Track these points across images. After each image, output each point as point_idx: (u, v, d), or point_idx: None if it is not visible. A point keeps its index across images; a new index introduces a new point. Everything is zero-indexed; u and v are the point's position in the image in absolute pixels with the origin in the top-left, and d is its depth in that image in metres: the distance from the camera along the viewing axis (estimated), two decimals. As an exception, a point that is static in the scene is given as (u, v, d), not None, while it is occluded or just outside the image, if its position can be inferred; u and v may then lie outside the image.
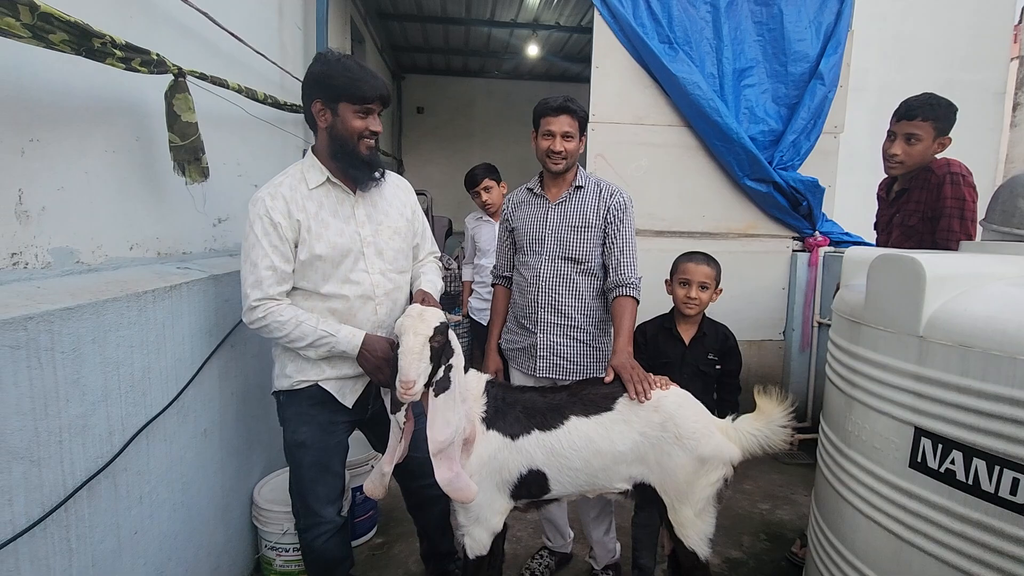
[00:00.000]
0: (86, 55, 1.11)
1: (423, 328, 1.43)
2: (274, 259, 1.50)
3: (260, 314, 1.50)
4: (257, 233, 1.50)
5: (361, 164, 1.58)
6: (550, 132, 1.93)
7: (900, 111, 2.05)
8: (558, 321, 1.98)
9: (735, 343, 2.03)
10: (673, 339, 2.01)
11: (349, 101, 1.52)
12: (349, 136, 1.54)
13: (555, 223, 2.00)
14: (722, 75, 3.38)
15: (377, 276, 1.64)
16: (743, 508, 2.83)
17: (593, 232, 1.97)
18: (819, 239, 3.53)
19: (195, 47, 1.85)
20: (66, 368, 1.12)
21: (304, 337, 1.52)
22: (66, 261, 1.28)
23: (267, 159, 2.49)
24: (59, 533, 1.10)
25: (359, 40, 5.09)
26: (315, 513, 1.66)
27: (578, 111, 1.94)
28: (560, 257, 1.99)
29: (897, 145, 2.04)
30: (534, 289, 2.00)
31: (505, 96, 7.86)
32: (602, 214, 1.98)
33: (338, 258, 1.58)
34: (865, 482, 1.42)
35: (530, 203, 2.08)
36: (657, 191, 3.51)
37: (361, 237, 1.62)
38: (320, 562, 1.72)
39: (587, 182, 2.03)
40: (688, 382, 1.87)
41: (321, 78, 1.52)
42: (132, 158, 1.52)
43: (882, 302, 1.38)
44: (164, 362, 1.46)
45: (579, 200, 2.00)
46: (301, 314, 1.54)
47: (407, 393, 1.37)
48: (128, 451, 1.31)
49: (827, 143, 3.52)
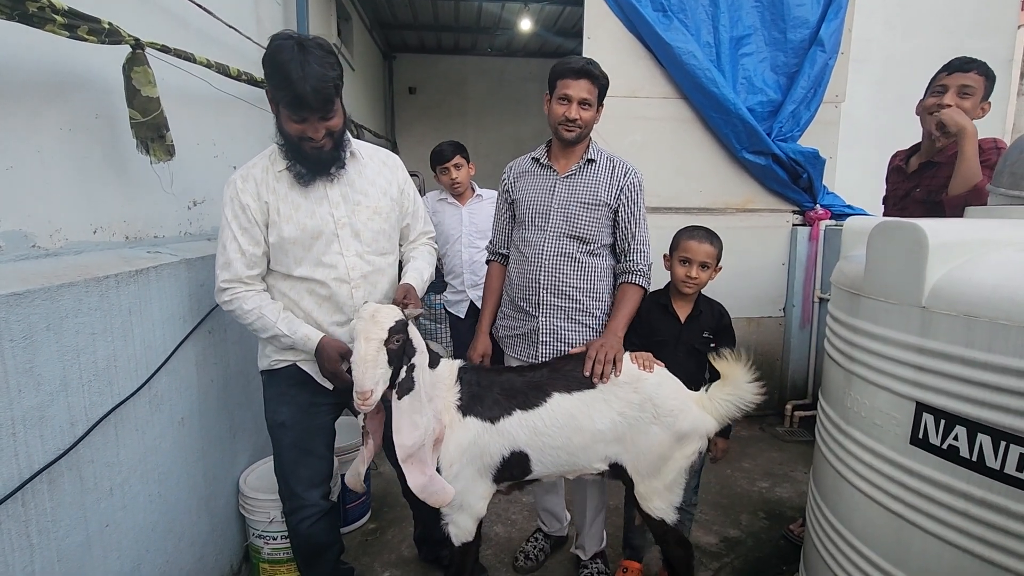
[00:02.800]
0: (20, 20, 1.03)
1: (376, 331, 1.34)
2: (242, 242, 1.48)
3: (227, 297, 1.51)
4: (227, 215, 1.50)
5: (307, 162, 1.49)
6: (567, 97, 1.78)
7: (954, 64, 1.94)
8: (561, 304, 1.86)
9: (729, 321, 1.96)
10: (668, 316, 1.91)
11: (281, 105, 1.41)
12: (288, 136, 1.46)
13: (563, 197, 1.85)
14: (719, 44, 3.26)
15: (353, 258, 1.58)
16: (741, 486, 2.80)
17: (603, 211, 1.84)
18: (820, 212, 3.44)
19: (160, 19, 1.75)
20: (16, 356, 1.06)
21: (265, 330, 1.52)
22: (20, 245, 1.22)
23: (245, 139, 2.40)
24: (16, 528, 1.06)
25: (346, 18, 4.95)
26: (298, 496, 1.64)
27: (600, 77, 1.79)
28: (566, 235, 1.85)
29: (950, 96, 1.91)
30: (535, 268, 1.87)
31: (498, 74, 7.71)
32: (615, 193, 1.84)
33: (309, 240, 1.52)
34: (864, 459, 1.36)
35: (535, 174, 1.92)
36: (652, 166, 3.40)
37: (335, 218, 1.55)
38: (305, 546, 1.69)
39: (600, 156, 1.88)
40: (683, 360, 1.84)
41: (264, 65, 1.39)
42: (92, 136, 1.44)
43: (882, 272, 1.30)
44: (132, 349, 1.40)
45: (590, 174, 1.86)
46: (266, 305, 1.52)
47: (363, 404, 1.31)
48: (94, 442, 1.26)
49: (828, 113, 3.41)
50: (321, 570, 1.73)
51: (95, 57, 1.40)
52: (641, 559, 2.12)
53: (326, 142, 1.47)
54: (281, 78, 1.35)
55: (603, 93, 1.83)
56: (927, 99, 2.00)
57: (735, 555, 2.27)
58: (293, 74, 1.33)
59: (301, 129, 1.42)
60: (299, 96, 1.35)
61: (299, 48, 1.35)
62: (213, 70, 1.88)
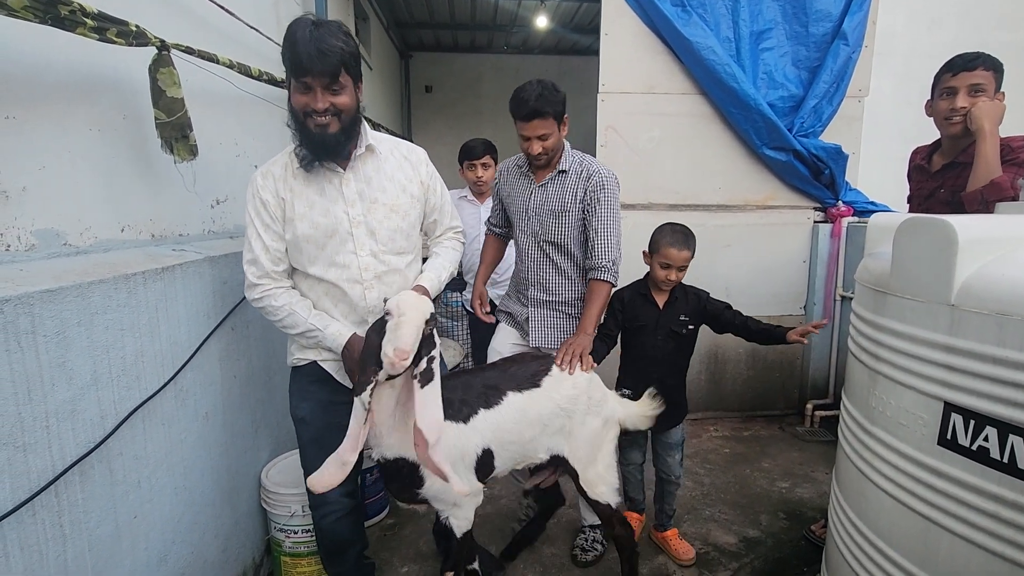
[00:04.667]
0: (53, 23, 1.06)
1: (424, 306, 1.41)
2: (265, 238, 1.50)
3: (257, 294, 1.53)
4: (250, 212, 1.52)
5: (311, 143, 1.45)
6: (525, 137, 1.93)
7: (957, 64, 1.87)
8: (546, 298, 2.11)
9: (708, 296, 2.15)
10: (649, 304, 2.11)
11: (291, 73, 1.41)
12: (295, 112, 1.44)
13: (536, 206, 2.04)
14: (738, 38, 3.22)
15: (367, 258, 1.55)
16: (761, 486, 2.77)
17: (571, 216, 2.00)
18: (842, 209, 3.38)
19: (184, 21, 1.78)
20: (50, 352, 1.09)
21: (296, 326, 1.53)
22: (52, 243, 1.25)
23: (266, 139, 2.44)
24: (50, 519, 1.09)
25: (363, 17, 4.99)
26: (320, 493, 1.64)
27: (551, 110, 1.86)
28: (541, 239, 2.06)
29: (961, 97, 1.85)
30: (524, 266, 2.13)
31: (514, 72, 7.69)
32: (580, 196, 1.98)
33: (323, 239, 1.52)
34: (890, 460, 1.34)
35: (518, 180, 2.12)
36: (670, 163, 3.38)
37: (350, 217, 1.53)
38: (328, 542, 1.71)
39: (571, 165, 2.01)
40: (662, 343, 2.10)
41: (282, 51, 1.41)
42: (120, 137, 1.47)
43: (910, 269, 1.28)
44: (158, 345, 1.43)
45: (560, 184, 2.01)
46: (296, 302, 1.53)
47: (400, 361, 1.29)
48: (123, 436, 1.29)
49: (851, 107, 3.35)
50: (344, 566, 1.74)
51: (122, 59, 1.43)
52: (641, 511, 2.35)
53: (332, 122, 1.42)
54: (288, 44, 1.36)
55: (561, 113, 1.91)
56: (938, 103, 1.94)
57: (755, 555, 2.25)
58: (299, 38, 1.34)
59: (305, 101, 1.40)
60: (301, 57, 1.34)
61: (314, 24, 1.38)
62: (235, 70, 1.91)
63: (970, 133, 1.84)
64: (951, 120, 1.89)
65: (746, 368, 3.59)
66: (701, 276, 3.37)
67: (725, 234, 3.44)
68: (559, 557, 2.24)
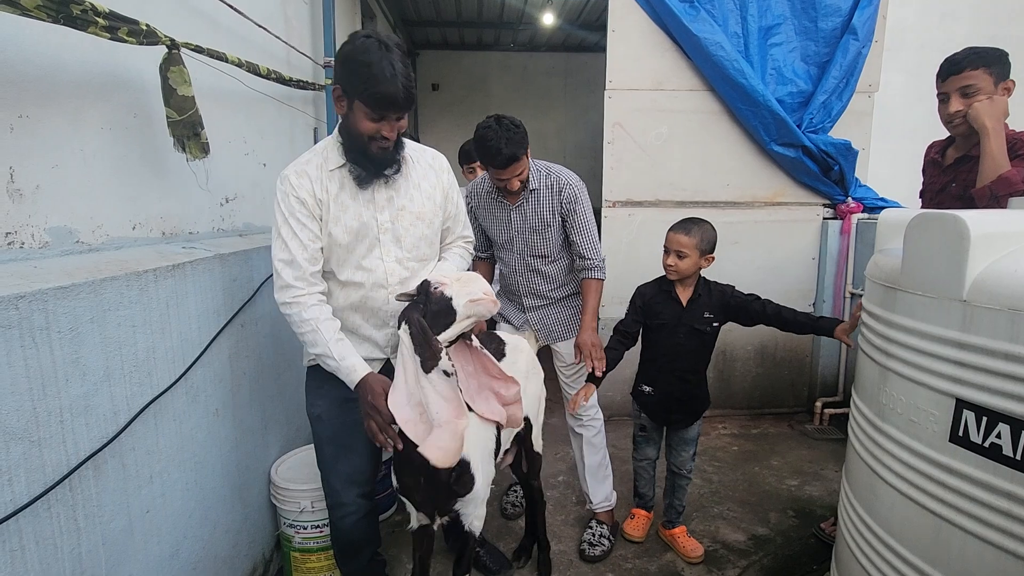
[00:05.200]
0: (65, 23, 1.07)
1: None
2: (303, 237, 1.48)
3: (289, 298, 1.48)
4: (284, 212, 1.49)
5: (369, 163, 1.49)
6: (502, 179, 1.99)
7: (944, 70, 1.86)
8: (541, 303, 2.25)
9: (736, 291, 2.11)
10: (671, 300, 2.08)
11: (362, 101, 1.39)
12: (359, 135, 1.45)
13: (518, 226, 2.15)
14: (747, 34, 3.20)
15: (392, 264, 1.58)
16: (770, 484, 2.76)
17: (553, 229, 2.12)
18: (852, 205, 3.36)
19: (193, 19, 1.79)
20: (64, 348, 1.10)
21: (315, 344, 1.49)
22: (65, 241, 1.26)
23: (275, 137, 2.45)
24: (65, 513, 1.10)
25: (370, 16, 4.99)
26: (337, 492, 1.65)
27: (519, 152, 1.92)
28: (528, 254, 2.17)
29: (955, 102, 1.83)
30: (515, 279, 2.25)
31: (521, 70, 7.68)
32: (557, 210, 2.10)
33: (352, 243, 1.53)
34: (901, 457, 1.33)
35: (492, 204, 2.18)
36: (678, 160, 3.37)
37: (378, 223, 1.55)
38: (344, 541, 1.71)
39: (539, 182, 2.09)
40: (683, 340, 2.06)
41: (343, 62, 1.39)
42: (131, 135, 1.49)
43: (921, 265, 1.27)
44: (169, 342, 1.45)
45: (535, 202, 2.11)
46: (323, 320, 1.49)
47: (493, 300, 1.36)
48: (135, 431, 1.31)
49: (861, 103, 3.32)
50: (357, 564, 1.75)
51: (133, 58, 1.44)
52: (650, 508, 2.36)
53: (391, 143, 1.47)
54: (368, 76, 1.34)
55: (527, 146, 1.97)
56: (939, 108, 1.93)
57: (764, 553, 2.24)
58: (383, 72, 1.33)
59: (377, 128, 1.42)
60: (389, 95, 1.35)
61: (383, 47, 1.35)
62: (244, 69, 1.93)
63: (972, 135, 1.82)
64: (952, 123, 1.89)
65: (755, 366, 3.58)
66: (709, 273, 3.37)
67: (733, 231, 3.42)
68: (567, 554, 2.24)
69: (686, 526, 2.31)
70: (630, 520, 2.35)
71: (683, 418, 2.14)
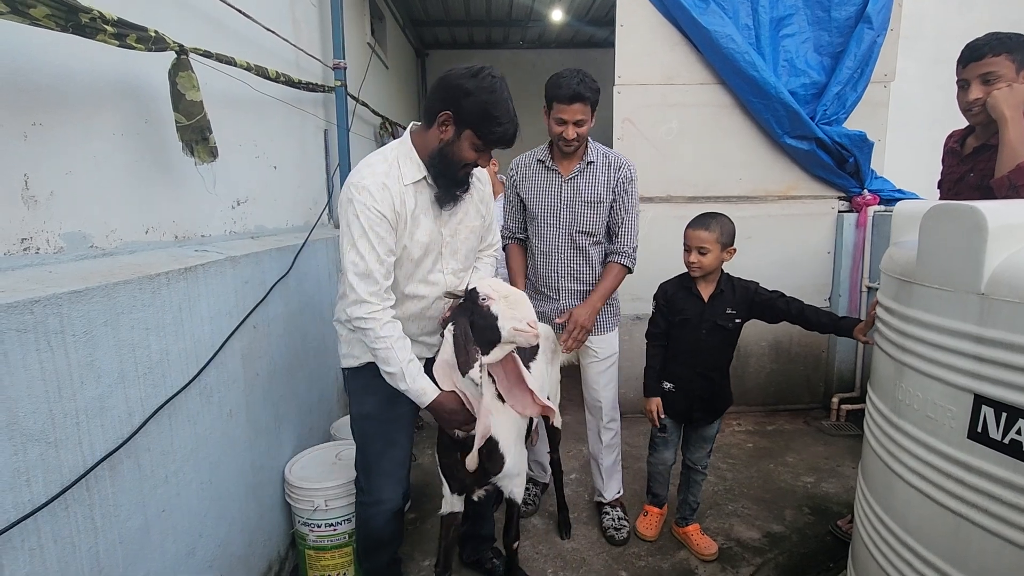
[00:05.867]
0: (74, 31, 1.08)
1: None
2: (380, 251, 1.49)
3: (365, 313, 1.48)
4: (363, 224, 1.47)
5: (453, 186, 1.57)
6: (562, 120, 1.99)
7: (964, 56, 1.81)
8: (577, 287, 2.19)
9: (759, 287, 2.08)
10: (693, 297, 2.07)
11: (476, 134, 1.47)
12: (456, 160, 1.51)
13: (568, 198, 2.12)
14: (758, 26, 3.15)
15: (450, 276, 1.66)
16: (785, 481, 2.72)
17: (604, 207, 2.12)
18: (868, 198, 3.30)
19: (201, 25, 1.81)
20: (79, 351, 1.12)
21: (388, 363, 1.51)
22: (79, 246, 1.29)
23: (286, 139, 2.47)
24: (82, 512, 1.12)
25: (379, 17, 5.01)
26: (378, 489, 1.69)
27: (590, 96, 1.97)
28: (574, 230, 2.14)
29: (975, 89, 1.78)
30: (552, 259, 2.18)
31: (530, 67, 7.65)
32: (611, 187, 2.11)
33: (422, 257, 1.58)
34: (918, 454, 1.31)
35: (541, 175, 2.16)
36: (690, 155, 3.34)
37: (443, 237, 1.61)
38: (372, 539, 1.75)
39: (597, 156, 2.12)
40: (705, 337, 2.04)
41: (461, 94, 1.45)
42: (142, 141, 1.51)
43: (937, 257, 1.24)
44: (182, 344, 1.47)
45: (590, 175, 2.11)
46: (397, 339, 1.51)
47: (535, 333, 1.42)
48: (150, 432, 1.33)
49: (876, 93, 3.26)
50: (379, 561, 1.78)
51: (142, 64, 1.46)
52: (663, 505, 2.36)
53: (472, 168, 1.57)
54: (491, 116, 1.44)
55: (596, 103, 2.02)
56: (958, 95, 1.88)
57: (779, 551, 2.22)
58: (507, 114, 1.45)
59: (475, 158, 1.51)
60: (507, 136, 1.47)
61: (506, 88, 1.48)
62: (252, 72, 1.94)
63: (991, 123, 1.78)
64: (971, 112, 1.84)
65: (769, 361, 3.53)
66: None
67: (746, 226, 3.36)
68: (579, 552, 2.23)
69: (700, 524, 2.29)
70: (643, 518, 2.35)
71: (704, 416, 2.12)
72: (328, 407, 2.66)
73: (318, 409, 2.50)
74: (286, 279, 2.11)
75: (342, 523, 1.97)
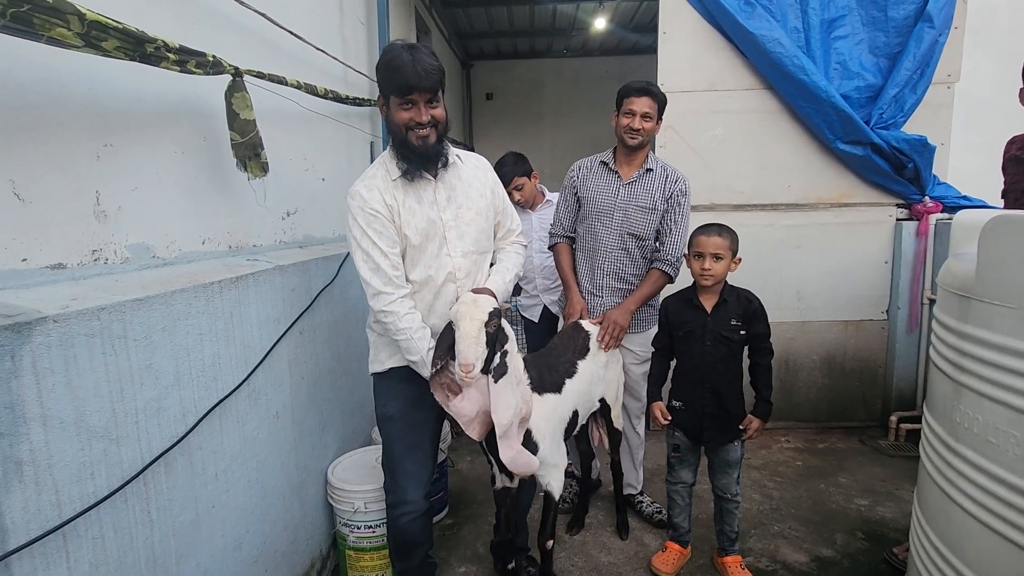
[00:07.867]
0: (140, 60, 1.18)
1: (478, 313, 1.52)
2: (382, 245, 1.59)
3: (384, 304, 1.59)
4: (360, 224, 1.60)
5: (412, 156, 1.60)
6: (631, 111, 2.15)
7: None
8: (620, 286, 2.28)
9: (760, 306, 2.01)
10: (695, 309, 2.05)
11: (392, 93, 1.55)
12: (397, 128, 1.58)
13: (624, 201, 2.24)
14: (808, 28, 3.05)
15: (459, 259, 1.69)
16: (837, 503, 2.60)
17: (656, 214, 2.22)
18: (929, 205, 3.12)
19: (257, 47, 1.92)
20: (139, 355, 1.20)
21: (409, 352, 1.63)
22: (143, 256, 1.38)
23: (333, 153, 2.58)
24: (139, 505, 1.20)
25: (425, 31, 5.15)
26: (403, 490, 1.74)
27: (659, 95, 2.17)
28: (625, 232, 2.24)
29: None
30: (600, 257, 2.27)
31: (574, 75, 7.68)
32: (666, 197, 2.22)
33: (423, 243, 1.64)
34: (977, 481, 1.23)
35: (602, 176, 2.29)
36: (734, 162, 3.26)
37: (443, 221, 1.66)
38: (400, 539, 1.79)
39: (656, 165, 2.25)
40: (710, 349, 2.00)
41: (378, 71, 1.57)
42: (200, 157, 1.61)
43: (998, 272, 1.17)
44: (233, 348, 1.55)
45: (648, 182, 2.23)
46: (416, 330, 1.61)
47: (468, 376, 1.49)
48: (202, 431, 1.41)
49: (938, 95, 3.09)
50: (410, 563, 1.81)
51: (201, 87, 1.57)
52: (686, 544, 2.23)
53: (431, 133, 1.57)
54: (392, 69, 1.50)
55: (662, 108, 2.21)
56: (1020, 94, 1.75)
57: (828, 576, 2.12)
58: (403, 62, 1.49)
59: (409, 116, 1.55)
60: (408, 78, 1.49)
61: (409, 47, 1.53)
62: (302, 90, 2.04)
63: None
64: None
65: (821, 376, 3.38)
66: (769, 279, 3.24)
67: (795, 234, 3.27)
68: (616, 566, 2.20)
69: (743, 544, 2.21)
70: (661, 553, 2.19)
71: (716, 436, 2.04)
72: (370, 411, 2.73)
73: (360, 413, 2.57)
74: (331, 287, 2.19)
75: (380, 526, 2.02)
